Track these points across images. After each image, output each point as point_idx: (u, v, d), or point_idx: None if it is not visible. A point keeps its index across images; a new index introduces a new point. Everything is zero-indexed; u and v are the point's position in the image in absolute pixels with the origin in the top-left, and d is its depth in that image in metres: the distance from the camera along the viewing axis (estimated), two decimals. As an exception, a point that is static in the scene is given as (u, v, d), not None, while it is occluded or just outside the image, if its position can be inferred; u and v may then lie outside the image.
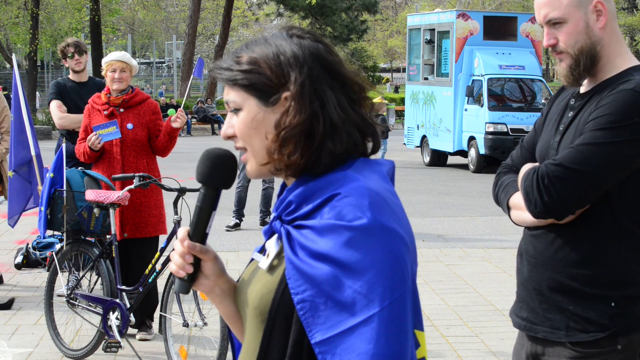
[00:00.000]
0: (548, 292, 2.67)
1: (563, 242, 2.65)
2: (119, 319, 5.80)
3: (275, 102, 1.73)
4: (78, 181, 6.18)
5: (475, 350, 6.37)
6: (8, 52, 34.82)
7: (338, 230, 1.62)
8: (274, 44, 1.76)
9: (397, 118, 37.20)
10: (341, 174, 1.70)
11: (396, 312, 1.59)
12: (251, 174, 1.79)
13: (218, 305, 1.88)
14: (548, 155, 2.72)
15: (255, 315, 1.74)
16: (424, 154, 21.76)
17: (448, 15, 21.37)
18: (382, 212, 1.65)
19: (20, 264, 8.85)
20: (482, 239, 11.00)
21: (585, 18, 2.61)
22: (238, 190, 11.41)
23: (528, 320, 2.74)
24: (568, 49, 2.63)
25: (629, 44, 42.02)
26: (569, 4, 2.61)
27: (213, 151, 1.80)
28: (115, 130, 6.46)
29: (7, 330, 6.81)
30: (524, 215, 2.69)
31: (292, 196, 1.72)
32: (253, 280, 1.78)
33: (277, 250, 1.75)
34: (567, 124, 2.69)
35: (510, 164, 2.90)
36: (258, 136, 1.74)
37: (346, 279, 1.60)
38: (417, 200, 14.40)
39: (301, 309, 1.62)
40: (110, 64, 6.53)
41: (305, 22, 42.37)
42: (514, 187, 2.77)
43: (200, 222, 1.80)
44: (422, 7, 49.51)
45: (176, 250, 1.80)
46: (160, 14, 51.05)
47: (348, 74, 1.76)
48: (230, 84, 1.77)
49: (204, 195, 1.80)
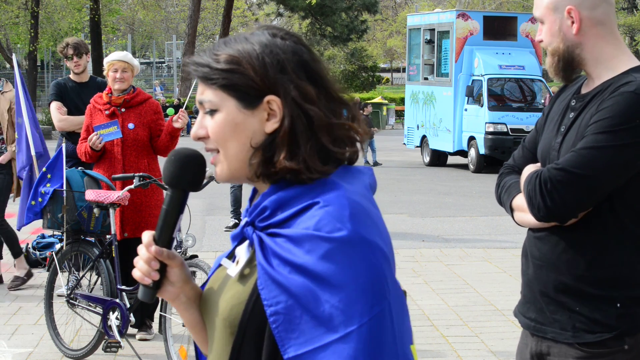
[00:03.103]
0: (554, 293, 2.69)
1: (567, 244, 2.66)
2: (119, 319, 5.80)
3: (256, 106, 1.65)
4: (78, 181, 6.18)
5: (475, 350, 6.37)
6: (8, 52, 34.79)
7: (316, 242, 1.54)
8: (256, 43, 1.67)
9: (397, 118, 37.20)
10: (321, 181, 1.63)
11: (376, 330, 1.52)
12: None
13: (182, 313, 1.78)
14: (549, 156, 2.73)
15: (225, 327, 1.65)
16: (424, 154, 21.76)
17: (448, 15, 21.37)
18: (363, 224, 1.57)
19: (20, 264, 8.84)
20: (482, 239, 11.00)
21: (559, 22, 2.68)
22: (233, 189, 11.28)
23: (536, 321, 2.76)
24: (547, 47, 2.73)
25: (628, 44, 41.98)
26: (546, 6, 2.71)
27: (181, 152, 1.71)
28: (116, 130, 6.46)
29: (7, 330, 6.81)
30: (527, 217, 2.70)
31: (268, 202, 1.63)
32: (223, 290, 1.69)
33: (247, 258, 1.66)
34: (569, 125, 2.70)
35: (512, 165, 2.91)
36: (235, 140, 1.66)
37: (323, 293, 1.52)
38: (417, 200, 14.40)
39: (274, 322, 1.54)
40: (112, 64, 6.54)
41: (305, 22, 42.39)
42: (516, 189, 2.78)
43: (167, 226, 1.71)
44: (422, 7, 49.48)
45: (141, 255, 1.70)
46: (160, 14, 51.05)
47: (330, 80, 1.69)
48: (208, 82, 1.67)
49: (171, 197, 1.71)
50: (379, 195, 11.88)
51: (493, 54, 20.02)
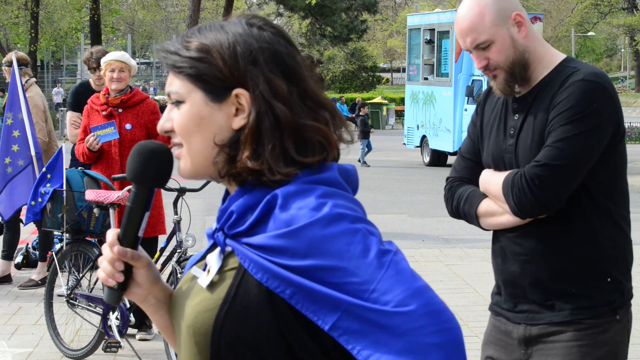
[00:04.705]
0: (549, 281, 2.82)
1: (553, 234, 2.80)
2: (118, 319, 5.80)
3: (223, 99, 1.53)
4: (78, 181, 6.18)
5: (476, 350, 6.36)
6: (8, 52, 34.82)
7: (294, 238, 1.46)
8: (230, 32, 1.55)
9: (397, 118, 37.21)
10: (291, 181, 1.52)
11: (401, 259, 1.47)
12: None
13: (152, 316, 1.69)
14: (503, 159, 2.86)
15: (189, 335, 1.55)
16: (423, 154, 21.77)
17: (448, 15, 21.38)
18: (331, 198, 1.49)
19: (20, 264, 8.85)
20: (482, 239, 10.98)
21: (509, 33, 2.78)
22: None
23: (529, 312, 2.88)
24: (500, 65, 2.80)
25: (629, 44, 42.00)
26: (492, 25, 2.77)
27: (146, 145, 1.59)
28: (113, 131, 6.46)
29: (7, 330, 6.81)
30: (500, 219, 2.85)
31: (235, 206, 1.53)
32: (189, 294, 1.59)
33: (219, 266, 1.56)
34: (519, 126, 2.83)
35: (459, 177, 3.02)
36: (199, 135, 1.54)
37: (330, 276, 1.45)
38: (417, 200, 14.39)
39: (297, 303, 1.46)
40: (109, 64, 6.53)
41: (305, 22, 42.42)
42: (477, 197, 2.91)
43: (132, 224, 1.61)
44: (422, 7, 49.52)
45: (105, 256, 1.60)
46: (160, 14, 51.07)
47: (307, 80, 1.57)
48: (175, 71, 1.56)
49: (135, 194, 1.61)
50: (379, 195, 11.87)
51: (493, 54, 20.01)
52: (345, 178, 1.57)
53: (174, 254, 5.99)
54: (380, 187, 16.37)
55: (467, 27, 2.80)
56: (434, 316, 1.43)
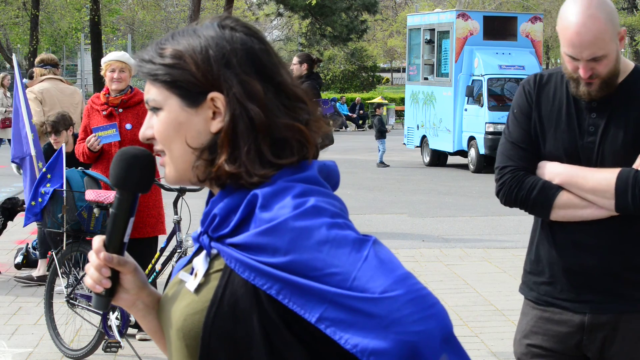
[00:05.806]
0: (623, 271, 2.95)
1: (632, 226, 2.93)
2: (118, 319, 5.80)
3: (199, 103, 1.54)
4: (78, 181, 6.18)
5: (475, 350, 6.37)
6: (8, 52, 34.78)
7: (275, 233, 1.47)
8: (203, 36, 1.56)
9: (397, 118, 37.20)
10: (269, 181, 1.53)
11: (380, 248, 1.49)
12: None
13: (141, 320, 1.70)
14: (579, 154, 2.95)
15: (179, 338, 1.56)
16: (423, 154, 21.76)
17: (448, 15, 21.37)
18: (317, 197, 1.50)
19: (20, 264, 8.86)
20: (482, 239, 11.00)
21: (617, 47, 2.91)
22: None
23: (595, 302, 2.98)
24: (602, 75, 2.89)
25: (628, 44, 42.03)
26: (609, 41, 2.87)
27: (128, 151, 1.61)
28: (115, 134, 6.46)
29: (7, 330, 6.82)
30: (582, 212, 2.93)
31: (217, 209, 1.55)
32: (177, 298, 1.60)
33: (205, 269, 1.57)
34: (603, 126, 2.93)
35: (521, 166, 3.05)
36: (179, 140, 1.56)
37: (312, 268, 1.46)
38: (417, 200, 14.40)
39: (284, 297, 1.48)
40: (109, 64, 6.54)
41: (305, 22, 42.41)
42: (553, 189, 2.97)
43: (117, 230, 1.62)
44: (422, 7, 49.47)
45: (91, 262, 1.61)
46: (160, 14, 51.05)
47: (284, 77, 1.57)
48: (150, 78, 1.57)
49: (120, 200, 1.62)
50: (379, 195, 11.90)
51: (493, 54, 20.01)
52: (325, 174, 1.58)
53: (174, 254, 5.99)
54: (380, 187, 16.37)
55: (588, 41, 2.85)
56: (417, 303, 1.45)
